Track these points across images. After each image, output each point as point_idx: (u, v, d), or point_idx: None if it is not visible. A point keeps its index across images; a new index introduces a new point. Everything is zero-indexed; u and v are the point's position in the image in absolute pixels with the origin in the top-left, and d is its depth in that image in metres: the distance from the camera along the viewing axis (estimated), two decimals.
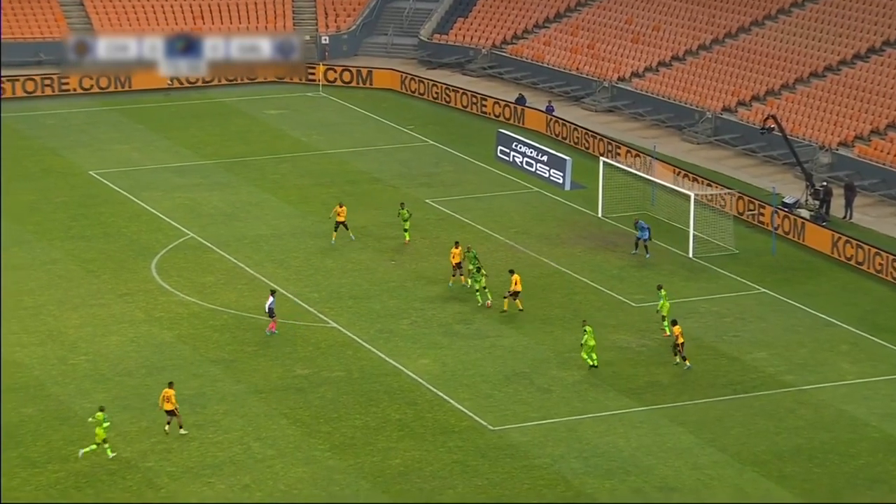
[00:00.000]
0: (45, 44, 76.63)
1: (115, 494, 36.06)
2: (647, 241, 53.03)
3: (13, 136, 66.36)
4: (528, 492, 36.94)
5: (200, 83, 74.24)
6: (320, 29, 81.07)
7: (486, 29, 79.77)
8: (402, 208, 53.63)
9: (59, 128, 67.46)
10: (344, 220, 53.11)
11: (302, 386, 42.26)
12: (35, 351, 44.06)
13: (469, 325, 46.90)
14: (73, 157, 63.39)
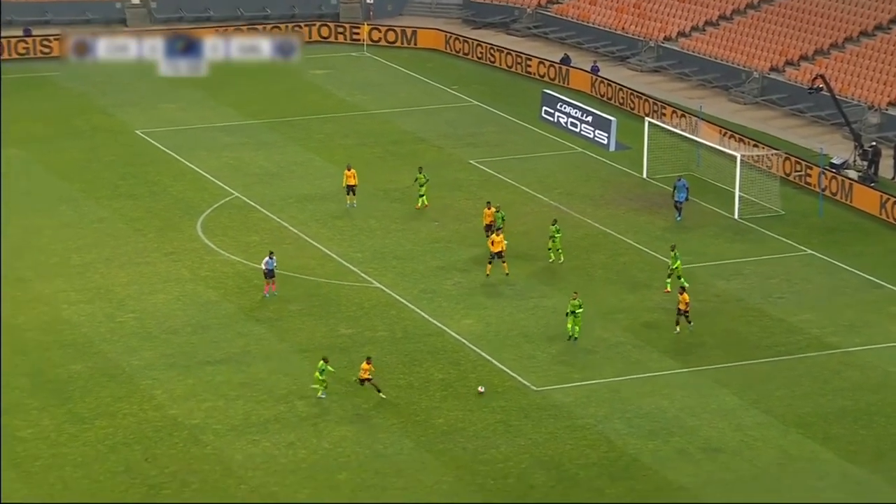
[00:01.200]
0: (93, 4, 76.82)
1: (161, 450, 36.31)
2: (684, 202, 52.52)
3: (63, 94, 66.64)
4: (571, 452, 36.86)
5: None
6: None
7: None
8: (420, 172, 52.95)
9: (108, 86, 67.63)
10: (355, 183, 52.75)
11: (346, 345, 42.30)
12: (83, 308, 44.34)
13: (513, 286, 46.74)
14: (120, 115, 63.59)
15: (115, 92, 66.88)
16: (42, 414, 37.94)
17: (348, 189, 52.88)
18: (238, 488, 34.86)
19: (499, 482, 35.41)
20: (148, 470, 35.49)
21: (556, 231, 47.67)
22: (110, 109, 64.55)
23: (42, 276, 46.59)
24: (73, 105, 65.01)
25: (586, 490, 35.23)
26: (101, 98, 66.17)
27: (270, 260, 44.76)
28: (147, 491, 34.60)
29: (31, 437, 36.85)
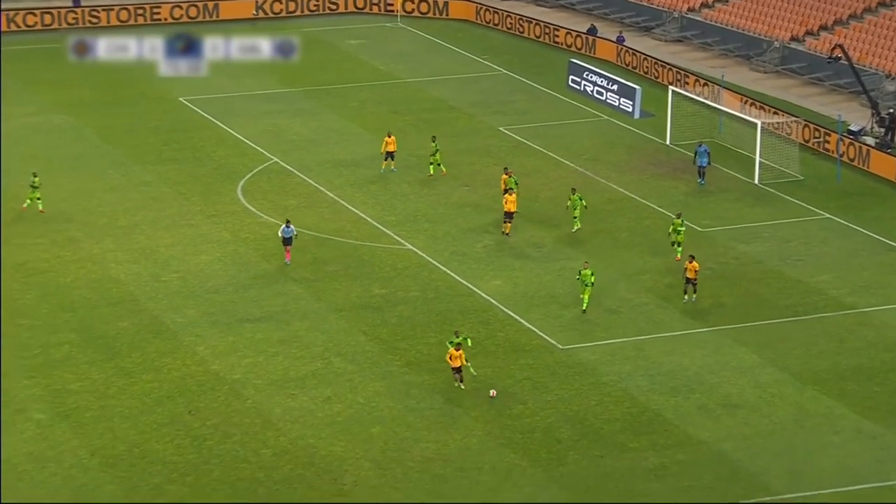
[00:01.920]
0: None
1: (204, 404, 36.48)
2: (706, 166, 52.19)
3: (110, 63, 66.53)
4: (595, 407, 36.81)
5: (284, 14, 74.11)
6: None
7: None
8: (433, 141, 52.55)
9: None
10: (394, 150, 52.56)
11: (379, 305, 42.30)
12: (130, 268, 44.50)
13: (540, 249, 46.61)
14: (164, 83, 63.52)
15: None
16: (91, 368, 38.17)
17: (387, 155, 52.74)
18: (277, 440, 34.99)
19: (526, 436, 35.41)
20: (191, 422, 35.67)
21: (578, 199, 47.19)
22: (155, 78, 64.46)
23: (91, 237, 46.80)
24: (119, 73, 64.99)
25: (610, 444, 35.19)
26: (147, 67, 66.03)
27: (287, 228, 44.39)
28: (191, 442, 34.78)
29: (81, 389, 37.10)
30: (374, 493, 32.92)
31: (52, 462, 33.77)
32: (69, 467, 33.61)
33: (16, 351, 38.88)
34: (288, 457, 34.30)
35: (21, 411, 35.92)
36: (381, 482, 33.37)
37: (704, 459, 34.70)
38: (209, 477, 33.41)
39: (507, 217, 47.02)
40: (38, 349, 39.07)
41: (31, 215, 48.31)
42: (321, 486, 33.18)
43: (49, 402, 36.41)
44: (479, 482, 33.50)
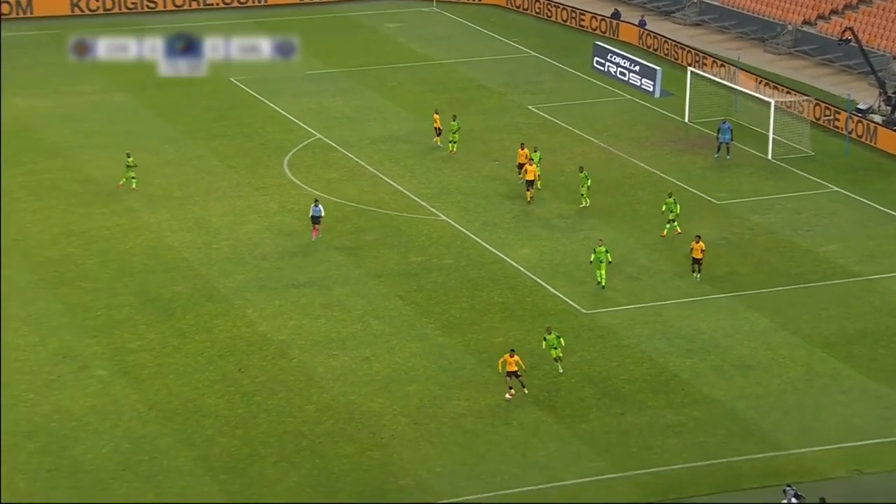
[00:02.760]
0: None
1: (253, 362, 36.66)
2: (729, 142, 51.88)
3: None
4: (616, 368, 36.76)
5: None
6: None
7: None
8: (454, 120, 52.13)
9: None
10: (439, 125, 52.45)
11: (415, 271, 42.31)
12: (184, 236, 44.67)
13: (566, 220, 46.48)
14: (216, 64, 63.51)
15: None
16: (149, 329, 38.39)
17: (437, 130, 52.67)
18: (320, 397, 35.14)
19: (551, 395, 35.41)
20: (241, 379, 35.86)
21: (584, 177, 46.86)
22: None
23: (148, 207, 46.98)
24: None
25: (630, 402, 35.15)
26: None
27: (316, 207, 43.93)
28: (241, 398, 34.98)
29: (139, 348, 37.33)
30: (410, 447, 33.04)
31: (113, 415, 34.06)
32: (129, 420, 33.88)
33: (80, 312, 39.15)
34: (330, 412, 34.46)
35: (84, 368, 36.21)
36: (416, 436, 33.47)
37: (718, 417, 34.61)
38: (257, 430, 33.59)
39: (528, 185, 46.89)
40: (100, 311, 39.33)
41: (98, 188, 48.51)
42: (361, 440, 33.32)
43: (110, 359, 36.68)
44: (507, 437, 33.56)
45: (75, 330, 38.06)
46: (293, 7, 73.63)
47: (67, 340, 37.50)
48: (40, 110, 56.32)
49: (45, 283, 40.74)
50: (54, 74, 60.45)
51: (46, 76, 60.21)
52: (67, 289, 40.53)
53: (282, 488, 31.40)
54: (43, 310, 39.10)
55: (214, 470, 31.94)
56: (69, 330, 38.05)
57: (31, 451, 32.45)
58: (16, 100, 57.19)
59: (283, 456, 32.54)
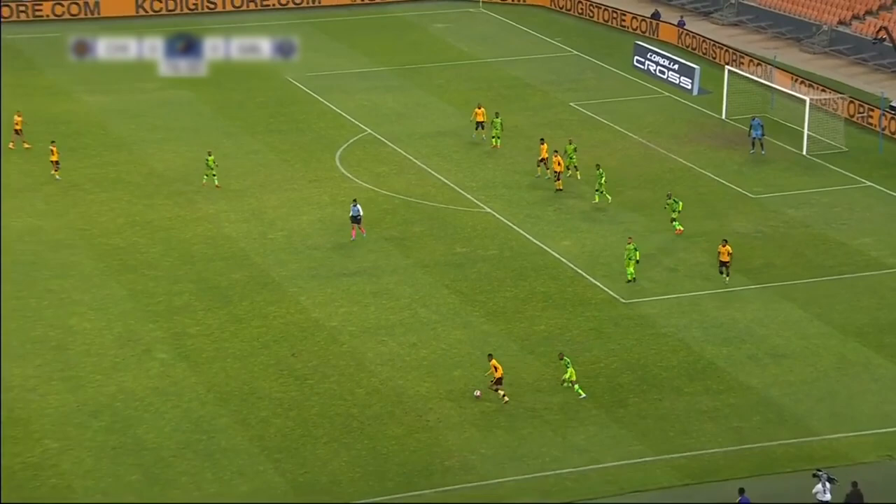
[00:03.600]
0: None
1: (305, 347, 36.82)
2: (761, 138, 51.47)
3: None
4: (654, 356, 36.57)
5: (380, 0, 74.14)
6: None
7: None
8: (497, 117, 51.86)
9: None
10: (483, 120, 52.36)
11: (461, 262, 42.29)
12: (241, 227, 44.90)
13: (605, 213, 46.25)
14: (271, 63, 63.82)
15: None
16: (207, 314, 38.65)
17: (478, 125, 52.60)
18: (369, 381, 35.24)
19: (591, 380, 35.29)
20: (294, 364, 36.02)
21: (600, 174, 46.47)
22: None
23: (207, 199, 47.25)
24: None
25: (667, 388, 34.96)
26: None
27: (355, 207, 43.36)
28: (294, 381, 35.15)
29: (198, 333, 37.60)
30: (455, 429, 33.05)
31: (173, 396, 34.34)
32: (188, 401, 34.14)
33: (143, 298, 39.49)
34: (379, 395, 34.54)
35: (147, 351, 36.52)
36: (461, 419, 33.48)
37: (753, 403, 34.36)
38: (310, 412, 33.75)
39: (557, 176, 47.07)
40: (161, 297, 39.65)
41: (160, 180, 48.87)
42: (408, 422, 33.38)
43: (171, 343, 36.97)
44: (548, 420, 33.49)
45: (138, 315, 38.39)
46: (346, 8, 73.78)
47: (131, 325, 37.83)
48: (107, 106, 56.83)
49: (110, 271, 41.12)
50: (120, 72, 60.95)
51: (113, 74, 60.72)
52: (131, 276, 40.89)
53: (333, 467, 31.54)
54: (108, 296, 39.47)
55: (269, 449, 32.12)
56: (133, 315, 38.38)
57: (96, 429, 32.80)
58: (85, 96, 57.73)
59: (334, 437, 32.66)
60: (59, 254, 42.14)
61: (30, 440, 32.15)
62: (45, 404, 33.73)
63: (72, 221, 44.74)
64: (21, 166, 49.65)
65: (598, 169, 46.71)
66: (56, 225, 44.40)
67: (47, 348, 36.39)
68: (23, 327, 37.45)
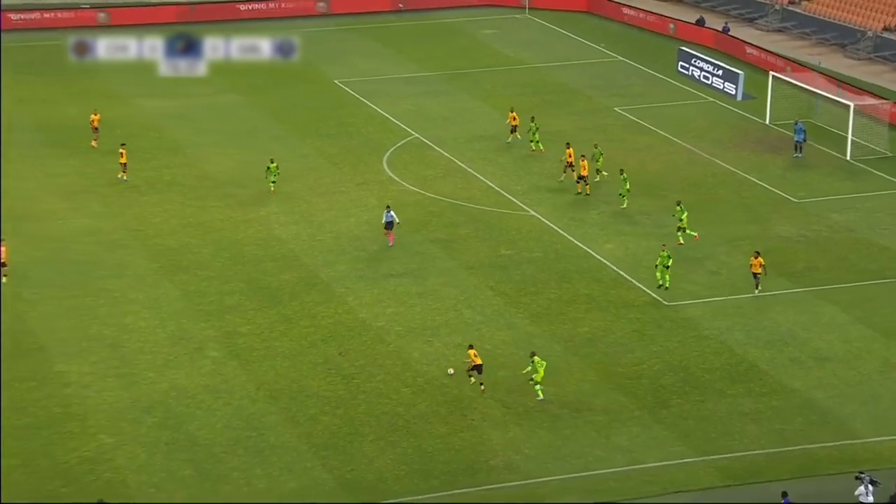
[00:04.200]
0: None
1: (353, 347, 36.96)
2: (803, 142, 51.07)
3: None
4: (697, 358, 36.35)
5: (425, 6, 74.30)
6: None
7: None
8: (532, 121, 51.85)
9: (313, 44, 68.30)
10: (516, 124, 52.34)
11: (506, 264, 42.28)
12: (290, 229, 45.18)
13: (648, 216, 46.04)
14: (321, 68, 64.23)
15: (317, 48, 67.54)
16: (257, 314, 38.91)
17: (512, 128, 52.66)
18: (415, 380, 35.31)
19: (633, 382, 35.16)
20: (342, 363, 36.18)
21: (624, 179, 46.10)
22: (314, 62, 65.27)
23: (258, 201, 47.57)
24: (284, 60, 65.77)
25: (710, 390, 34.74)
26: (305, 53, 66.73)
27: (388, 213, 42.77)
28: (341, 380, 35.31)
29: (249, 332, 37.87)
30: (499, 429, 33.04)
31: (224, 394, 34.61)
32: (239, 398, 34.40)
33: (195, 298, 39.84)
34: (424, 394, 34.61)
35: (199, 349, 36.84)
36: (505, 419, 33.47)
37: (796, 406, 34.05)
38: (357, 410, 33.88)
39: (581, 180, 46.95)
40: (213, 296, 39.98)
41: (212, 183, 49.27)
42: (453, 421, 33.42)
43: (222, 342, 37.27)
44: (591, 421, 33.39)
45: (191, 314, 38.73)
46: (395, 14, 74.00)
47: (183, 324, 38.18)
48: (163, 111, 57.40)
49: (163, 271, 41.52)
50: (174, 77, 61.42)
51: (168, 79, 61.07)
52: (184, 276, 41.26)
53: (379, 465, 31.64)
54: (162, 295, 39.86)
55: (317, 446, 32.29)
56: (185, 314, 38.73)
57: (150, 425, 33.14)
58: (142, 101, 58.32)
59: (381, 435, 32.77)
60: (115, 254, 42.62)
61: (86, 435, 32.54)
62: (100, 400, 34.13)
63: (127, 222, 45.24)
64: (79, 168, 50.30)
65: (622, 174, 46.40)
66: (112, 226, 44.91)
67: (103, 346, 36.82)
68: (79, 325, 37.92)
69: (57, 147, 52.45)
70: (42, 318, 38.26)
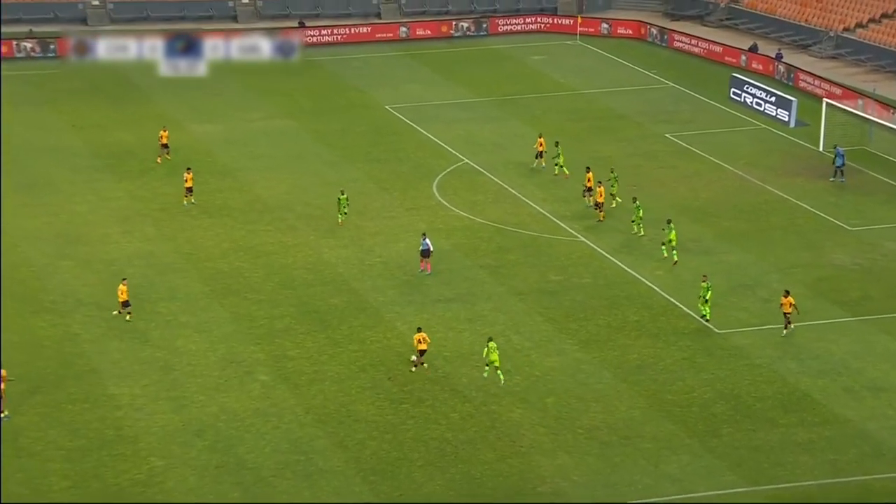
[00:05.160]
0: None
1: (401, 372, 37.06)
2: (842, 166, 50.73)
3: (327, 76, 68.22)
4: (748, 386, 36.08)
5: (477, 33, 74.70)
6: None
7: None
8: (557, 146, 51.88)
9: (363, 70, 68.93)
10: (543, 149, 52.29)
11: (555, 290, 42.27)
12: (340, 253, 45.46)
13: (698, 243, 45.84)
14: (372, 93, 64.72)
15: (369, 74, 68.11)
16: (307, 337, 39.16)
17: (538, 154, 52.77)
18: (463, 406, 35.34)
19: (684, 410, 34.95)
20: (390, 387, 36.29)
21: (637, 208, 45.86)
22: (364, 88, 65.82)
23: (308, 225, 47.95)
24: (334, 85, 66.52)
25: (761, 419, 34.45)
26: (357, 79, 67.51)
27: (425, 241, 42.54)
28: (390, 404, 35.41)
29: (298, 356, 38.11)
30: (547, 455, 32.98)
31: (273, 417, 34.83)
32: (288, 422, 34.61)
33: (245, 321, 40.18)
34: (473, 420, 34.63)
35: (249, 373, 37.13)
36: (553, 446, 33.40)
37: (850, 436, 33.66)
38: (405, 435, 33.96)
39: (598, 206, 47.13)
40: (263, 320, 40.30)
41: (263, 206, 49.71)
42: (501, 447, 33.39)
43: (271, 365, 37.54)
44: (640, 449, 33.23)
45: (241, 338, 39.06)
46: (444, 40, 74.47)
47: (233, 347, 38.50)
48: (213, 135, 58.10)
49: (214, 294, 41.95)
50: (226, 102, 62.31)
51: (220, 104, 62.11)
52: (234, 299, 41.65)
53: (427, 490, 31.67)
54: (212, 318, 40.26)
55: (365, 471, 32.39)
56: (235, 337, 39.07)
57: (200, 448, 33.42)
58: (193, 125, 59.07)
59: (429, 460, 32.81)
60: (167, 277, 43.14)
61: (137, 458, 32.88)
62: (151, 423, 34.49)
63: (179, 246, 45.77)
64: (132, 192, 51.02)
65: (635, 202, 46.13)
66: (164, 249, 45.47)
67: (154, 369, 37.23)
68: (132, 348, 38.39)
69: (110, 172, 53.26)
70: (95, 340, 38.79)
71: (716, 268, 43.53)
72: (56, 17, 74.34)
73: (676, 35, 72.08)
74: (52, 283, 42.38)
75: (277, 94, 64.56)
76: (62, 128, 58.39)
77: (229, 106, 61.89)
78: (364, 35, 74.43)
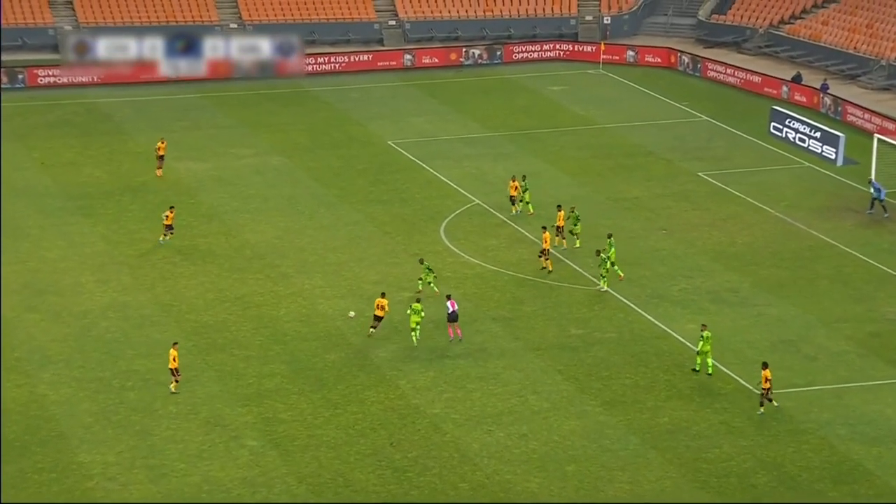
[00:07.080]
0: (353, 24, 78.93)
1: (405, 436, 37.04)
2: (882, 200, 51.32)
3: (323, 107, 68.70)
4: (793, 454, 35.97)
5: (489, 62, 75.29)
6: (602, 10, 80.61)
7: (765, 9, 77.57)
8: (523, 180, 52.50)
9: (363, 101, 69.42)
10: (515, 194, 52.65)
11: (576, 345, 42.30)
12: (337, 303, 45.56)
13: (737, 294, 45.89)
14: (373, 127, 65.13)
15: (369, 106, 68.59)
16: (300, 398, 39.18)
17: (511, 199, 52.90)
18: (474, 474, 35.27)
19: (721, 480, 34.84)
20: (393, 454, 36.26)
21: (609, 246, 45.97)
22: (364, 122, 66.25)
23: (302, 273, 48.13)
24: (331, 118, 66.96)
25: (808, 492, 34.32)
26: (357, 111, 67.97)
27: (449, 303, 41.88)
28: (392, 473, 35.35)
29: (290, 419, 38.10)
30: None
31: (262, 488, 34.77)
32: (278, 493, 34.54)
33: (231, 380, 40.23)
34: (485, 491, 34.55)
35: (236, 438, 37.11)
36: None
37: None
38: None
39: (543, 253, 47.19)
40: (252, 378, 40.36)
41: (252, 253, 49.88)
42: None
43: (261, 429, 37.53)
44: None
45: (227, 398, 39.10)
46: (453, 69, 75.01)
47: (218, 409, 38.52)
48: (198, 174, 58.43)
49: (197, 350, 42.03)
50: (213, 137, 62.73)
51: (205, 139, 62.51)
52: (220, 355, 41.73)
53: None
54: (195, 377, 40.30)
55: None
56: (220, 398, 39.10)
57: None
58: (176, 164, 59.40)
59: None
60: (145, 331, 43.25)
61: None
62: (126, 495, 34.45)
63: (158, 296, 45.93)
64: (107, 236, 51.26)
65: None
66: (142, 300, 45.63)
67: (130, 433, 37.23)
68: (104, 410, 38.41)
69: (82, 214, 53.57)
70: (63, 402, 38.84)
71: (755, 321, 43.52)
72: (24, 43, 75.03)
73: (710, 63, 72.50)
74: (17, 339, 42.52)
75: (270, 127, 65.01)
76: (30, 165, 58.80)
77: (214, 140, 62.29)
78: (365, 63, 75.05)
